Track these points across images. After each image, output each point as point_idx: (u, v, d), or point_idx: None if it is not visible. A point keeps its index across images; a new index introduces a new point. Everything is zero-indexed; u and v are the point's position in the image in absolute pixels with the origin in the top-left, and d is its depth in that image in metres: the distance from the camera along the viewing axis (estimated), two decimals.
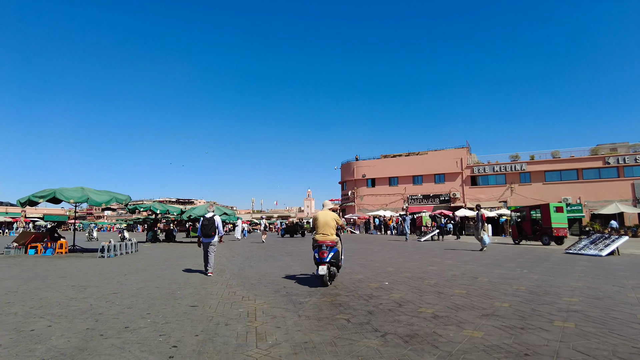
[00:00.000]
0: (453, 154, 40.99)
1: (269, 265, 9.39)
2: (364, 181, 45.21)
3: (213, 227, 7.70)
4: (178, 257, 12.19)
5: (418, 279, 6.96)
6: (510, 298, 5.18)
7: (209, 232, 7.67)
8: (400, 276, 7.29)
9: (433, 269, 8.36)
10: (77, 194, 12.80)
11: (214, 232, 7.72)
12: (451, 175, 40.71)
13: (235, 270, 8.51)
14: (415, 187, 42.29)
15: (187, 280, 7.02)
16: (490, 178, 39.56)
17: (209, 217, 7.78)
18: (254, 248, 16.15)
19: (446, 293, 5.55)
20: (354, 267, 8.75)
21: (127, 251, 13.66)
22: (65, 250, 13.23)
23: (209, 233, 7.67)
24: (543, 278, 7.01)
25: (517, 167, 38.05)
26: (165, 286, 6.39)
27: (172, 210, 22.05)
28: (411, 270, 8.14)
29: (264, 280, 6.94)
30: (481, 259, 10.59)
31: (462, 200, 39.66)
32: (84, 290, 5.96)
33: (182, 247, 17.19)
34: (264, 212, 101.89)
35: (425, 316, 4.22)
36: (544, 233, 16.13)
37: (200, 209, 21.81)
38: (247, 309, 4.69)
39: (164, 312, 4.53)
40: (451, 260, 10.24)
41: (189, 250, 15.37)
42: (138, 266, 9.44)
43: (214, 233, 7.74)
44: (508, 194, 38.31)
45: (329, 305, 4.81)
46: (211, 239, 7.77)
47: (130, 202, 14.62)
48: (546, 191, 36.54)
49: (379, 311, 4.48)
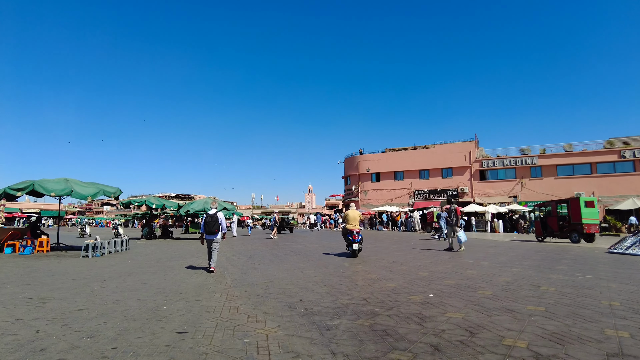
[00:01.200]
0: (461, 147, 39.56)
1: (276, 268, 8.03)
2: (368, 175, 43.82)
3: (216, 224, 7.46)
4: (172, 256, 10.84)
5: (466, 288, 5.60)
6: (618, 322, 3.79)
7: (212, 229, 7.43)
8: (442, 284, 5.93)
9: (474, 274, 7.00)
10: (59, 185, 11.42)
11: (217, 229, 7.49)
12: (459, 169, 39.32)
13: (237, 274, 7.16)
14: (422, 182, 40.91)
15: (179, 289, 5.66)
16: (499, 172, 38.16)
17: (212, 214, 7.51)
18: (256, 246, 14.81)
19: (519, 311, 4.19)
20: (378, 271, 7.39)
21: (117, 249, 12.31)
22: (47, 249, 11.87)
23: (212, 230, 7.43)
24: (629, 288, 5.63)
25: (528, 161, 36.64)
26: (149, 298, 5.03)
27: (169, 205, 20.69)
28: (449, 276, 6.79)
29: (272, 289, 5.59)
30: (520, 260, 9.24)
31: (471, 195, 38.31)
32: (41, 306, 4.59)
33: (179, 245, 15.85)
34: (264, 208, 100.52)
35: (522, 354, 2.86)
36: (572, 229, 14.77)
37: (198, 203, 20.45)
38: (256, 337, 3.34)
39: (137, 344, 3.17)
40: (486, 262, 8.88)
41: (185, 247, 14.02)
42: (123, 269, 8.08)
43: (217, 230, 7.52)
44: (518, 189, 36.96)
45: (371, 333, 3.44)
46: (214, 235, 7.51)
47: (120, 195, 13.24)
48: (558, 186, 35.18)
49: (448, 345, 3.11)
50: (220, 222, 7.56)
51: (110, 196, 12.72)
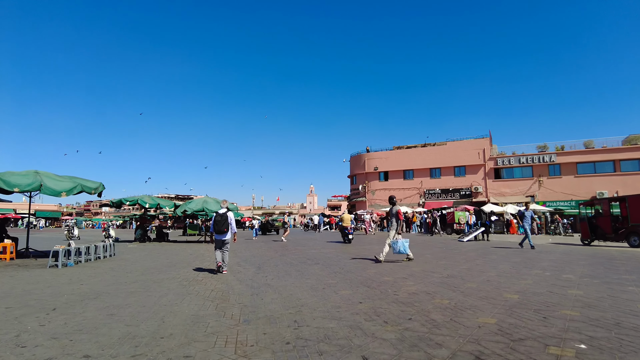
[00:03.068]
0: (474, 144, 37.57)
1: (297, 285, 5.99)
2: (376, 174, 41.80)
3: (226, 223, 7.30)
4: (164, 265, 8.80)
5: (601, 323, 3.57)
6: None
7: (221, 228, 7.28)
8: (556, 313, 3.92)
9: (573, 294, 4.97)
10: (25, 180, 9.38)
11: (226, 229, 7.33)
12: (472, 167, 37.32)
13: (247, 296, 5.13)
14: (433, 181, 38.89)
15: (159, 329, 3.63)
16: (515, 170, 36.15)
17: (222, 213, 7.36)
18: (263, 251, 12.78)
19: None
20: (443, 292, 5.36)
21: (99, 255, 10.30)
22: (11, 256, 9.83)
23: (221, 229, 7.28)
24: None
25: (546, 158, 34.64)
26: (105, 352, 3.00)
27: (164, 205, 18.64)
28: (556, 299, 4.75)
29: (306, 330, 3.55)
30: (592, 271, 7.22)
31: (485, 195, 36.31)
32: None
33: (175, 249, 13.82)
34: (264, 209, 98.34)
35: None
36: (631, 232, 12.73)
37: (196, 202, 18.43)
38: None
39: None
40: (585, 278, 6.85)
41: (181, 253, 11.99)
42: (94, 286, 6.05)
43: (227, 229, 7.34)
44: (535, 188, 34.95)
45: None
46: (224, 235, 7.35)
47: (103, 191, 11.18)
48: (578, 185, 33.19)
49: None
50: (230, 221, 7.35)
51: (91, 192, 10.69)
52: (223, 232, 7.27)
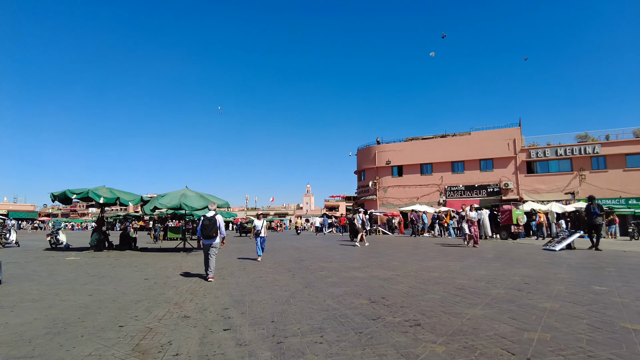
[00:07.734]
0: (502, 134, 32.81)
1: None
2: (388, 169, 36.80)
3: (214, 227, 6.93)
4: (97, 308, 3.64)
5: None
6: None
7: (210, 233, 6.87)
8: None
9: None
10: None
11: (215, 233, 6.94)
12: (501, 160, 32.54)
13: None
14: (455, 176, 34.03)
15: None
16: (551, 164, 31.47)
17: (210, 217, 6.99)
18: (267, 268, 7.67)
19: None
20: None
21: None
22: None
23: (210, 234, 6.88)
24: None
25: (588, 149, 30.01)
26: None
27: (126, 200, 13.34)
28: None
29: None
30: None
31: (517, 192, 31.54)
32: None
33: (137, 265, 8.61)
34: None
35: None
36: None
37: (171, 197, 13.23)
38: None
39: None
40: None
41: (143, 273, 6.84)
42: None
43: (216, 234, 6.95)
44: (576, 184, 30.28)
45: None
46: (212, 240, 6.95)
47: None
48: (628, 180, 28.60)
49: None
50: (219, 225, 7.02)
51: None
52: (212, 237, 6.92)
